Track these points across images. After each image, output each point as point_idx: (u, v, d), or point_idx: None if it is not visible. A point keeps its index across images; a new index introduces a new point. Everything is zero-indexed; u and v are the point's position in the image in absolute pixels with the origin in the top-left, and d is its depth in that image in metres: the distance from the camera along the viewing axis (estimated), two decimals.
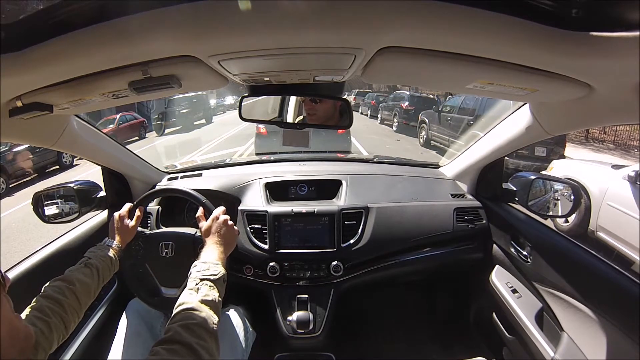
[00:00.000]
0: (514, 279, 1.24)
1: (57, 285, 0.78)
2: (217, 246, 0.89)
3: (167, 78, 0.63)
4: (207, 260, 0.83)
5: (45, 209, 1.20)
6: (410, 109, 10.09)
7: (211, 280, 0.77)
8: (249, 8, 0.43)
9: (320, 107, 1.08)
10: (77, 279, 0.82)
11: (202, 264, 0.82)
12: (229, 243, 0.93)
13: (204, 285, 0.75)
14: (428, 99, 10.78)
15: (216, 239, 0.91)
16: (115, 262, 0.96)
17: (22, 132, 0.85)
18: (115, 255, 0.96)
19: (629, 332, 0.81)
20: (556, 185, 1.20)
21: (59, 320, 0.72)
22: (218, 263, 0.83)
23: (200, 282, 0.76)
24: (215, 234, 0.92)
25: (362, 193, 1.38)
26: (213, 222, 0.94)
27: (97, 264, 0.89)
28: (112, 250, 0.97)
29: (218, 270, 0.81)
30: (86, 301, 0.83)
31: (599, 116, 0.76)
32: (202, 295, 0.73)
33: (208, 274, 0.78)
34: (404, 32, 0.50)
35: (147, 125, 13.00)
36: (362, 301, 1.74)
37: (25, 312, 0.69)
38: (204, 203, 1.06)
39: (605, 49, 0.46)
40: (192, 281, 0.77)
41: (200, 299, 0.71)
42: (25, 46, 0.49)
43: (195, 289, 0.75)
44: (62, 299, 0.75)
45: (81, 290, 0.81)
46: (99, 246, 0.97)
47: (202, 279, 0.77)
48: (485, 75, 0.62)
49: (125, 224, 1.04)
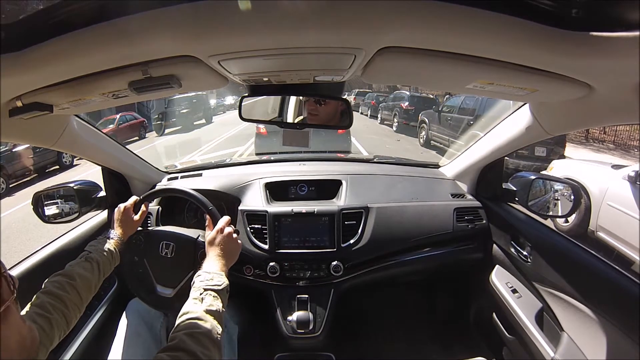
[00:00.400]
0: (514, 279, 1.24)
1: (58, 280, 0.78)
2: (220, 258, 0.89)
3: (167, 78, 0.63)
4: (210, 270, 0.84)
5: (45, 209, 1.20)
6: (410, 109, 10.04)
7: (215, 290, 0.78)
8: (249, 8, 0.43)
9: (322, 109, 1.08)
10: (77, 274, 0.81)
11: (206, 274, 0.82)
12: (232, 256, 0.93)
13: (208, 296, 0.76)
14: (428, 99, 10.72)
15: (219, 251, 0.91)
16: (116, 255, 0.96)
17: (22, 132, 0.85)
18: (115, 249, 0.96)
19: (629, 332, 0.81)
20: (556, 185, 1.20)
21: (61, 316, 0.72)
22: (222, 274, 0.84)
23: (204, 292, 0.77)
24: (218, 246, 0.92)
25: (362, 193, 1.38)
26: (217, 233, 0.94)
27: (97, 258, 0.88)
28: (113, 243, 0.96)
29: (222, 281, 0.81)
30: (87, 296, 0.82)
31: (599, 116, 0.76)
32: (207, 305, 0.73)
33: (212, 284, 0.79)
34: (404, 32, 0.50)
35: (147, 125, 12.98)
36: (362, 301, 1.74)
37: (26, 309, 0.69)
38: (210, 210, 1.04)
39: (605, 49, 0.46)
40: (196, 290, 0.77)
41: (205, 309, 0.72)
42: (25, 46, 0.49)
43: (200, 298, 0.75)
44: (63, 295, 0.75)
45: (82, 285, 0.80)
46: (100, 239, 0.96)
47: (206, 288, 0.77)
48: (485, 75, 0.62)
49: (130, 216, 1.03)
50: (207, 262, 0.88)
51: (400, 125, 10.50)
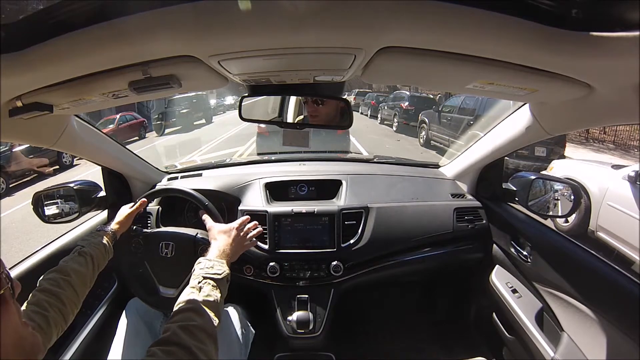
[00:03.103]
0: (514, 279, 1.24)
1: (52, 277, 0.77)
2: (224, 249, 0.89)
3: (167, 78, 0.63)
4: (212, 257, 0.83)
5: (45, 209, 1.20)
6: (410, 109, 10.05)
7: (214, 279, 0.76)
8: (249, 8, 0.43)
9: (322, 110, 1.08)
10: (72, 269, 0.80)
11: (207, 261, 0.81)
12: (236, 254, 0.94)
13: (207, 285, 0.74)
14: (428, 99, 10.75)
15: (227, 244, 0.91)
16: (110, 249, 0.95)
17: (22, 132, 0.85)
18: (109, 242, 0.95)
19: (629, 332, 0.81)
20: (556, 185, 1.20)
21: (58, 313, 0.71)
22: (223, 262, 0.82)
23: (203, 281, 0.75)
24: (230, 238, 0.93)
25: (362, 193, 1.38)
26: (233, 229, 0.96)
27: (91, 252, 0.88)
28: (106, 237, 0.95)
29: (222, 270, 0.79)
30: (83, 290, 0.82)
31: (599, 116, 0.76)
32: (204, 296, 0.71)
33: (212, 272, 0.77)
34: (404, 32, 0.50)
35: (147, 125, 12.98)
36: (362, 301, 1.74)
37: (23, 307, 0.68)
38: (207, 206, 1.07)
39: (605, 49, 0.46)
40: (194, 278, 0.76)
41: (202, 299, 0.70)
42: (25, 46, 0.49)
43: (198, 287, 0.73)
44: (59, 292, 0.74)
45: (77, 280, 0.80)
46: (93, 233, 0.96)
47: (205, 277, 0.76)
48: (485, 75, 0.62)
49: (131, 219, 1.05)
50: (211, 250, 0.87)
51: (400, 125, 10.52)
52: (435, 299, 1.76)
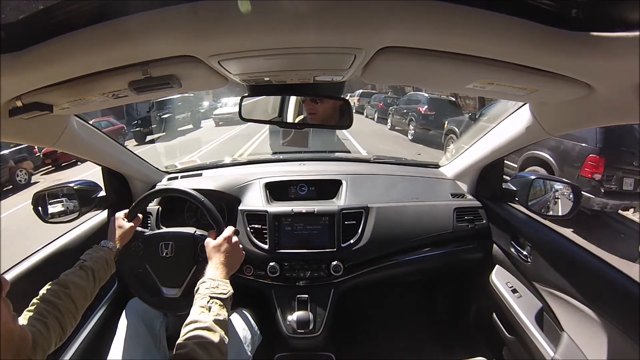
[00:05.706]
0: (514, 279, 1.24)
1: (52, 288, 0.79)
2: (223, 266, 0.90)
3: (167, 78, 0.63)
4: (215, 277, 0.84)
5: (49, 207, 1.20)
6: (431, 114, 8.44)
7: (221, 299, 0.78)
8: (249, 8, 0.43)
9: (320, 107, 1.08)
10: (71, 282, 0.82)
11: (211, 280, 0.82)
12: (234, 265, 0.95)
13: (215, 304, 0.77)
14: (450, 102, 9.14)
15: (223, 258, 0.91)
16: (112, 263, 0.97)
17: (22, 132, 0.85)
18: (110, 257, 0.97)
19: (629, 332, 0.81)
20: (556, 185, 1.20)
21: (55, 321, 0.73)
22: (226, 282, 0.84)
23: (211, 301, 0.77)
24: (224, 253, 0.93)
25: (362, 193, 1.38)
26: (224, 241, 0.95)
27: (92, 266, 0.89)
28: (108, 252, 0.97)
29: (227, 289, 0.82)
30: (83, 303, 0.83)
31: (599, 116, 0.76)
32: (214, 315, 0.74)
33: (218, 292, 0.79)
34: (404, 32, 0.50)
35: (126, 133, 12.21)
36: (362, 301, 1.74)
37: (23, 315, 0.70)
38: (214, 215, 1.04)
39: (605, 49, 0.46)
40: (202, 298, 0.78)
41: (214, 319, 0.73)
42: (25, 46, 0.49)
43: (207, 307, 0.76)
44: (57, 302, 0.76)
45: (76, 293, 0.81)
46: (95, 248, 0.97)
47: (212, 297, 0.78)
48: (485, 75, 0.62)
49: (123, 225, 1.04)
50: (211, 269, 0.89)
51: (416, 133, 8.81)
52: (436, 299, 1.76)
